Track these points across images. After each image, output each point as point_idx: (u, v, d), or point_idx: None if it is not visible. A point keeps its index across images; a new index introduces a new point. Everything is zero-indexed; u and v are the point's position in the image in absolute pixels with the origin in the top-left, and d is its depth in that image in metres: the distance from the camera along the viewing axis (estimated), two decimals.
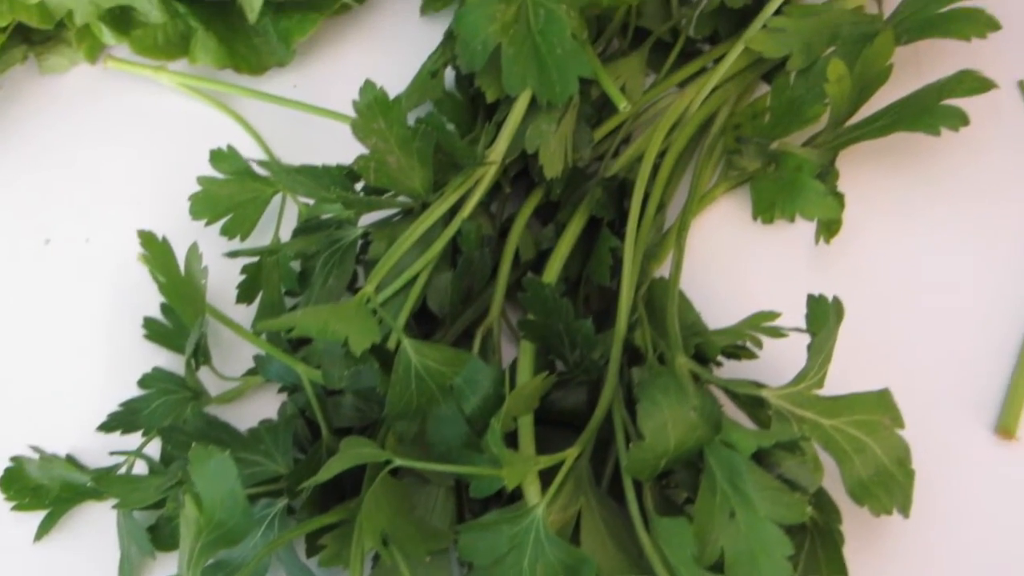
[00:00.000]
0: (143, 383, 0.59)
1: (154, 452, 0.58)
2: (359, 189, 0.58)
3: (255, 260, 0.60)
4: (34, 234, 0.66)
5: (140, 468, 0.58)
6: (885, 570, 0.55)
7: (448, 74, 0.63)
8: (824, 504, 0.50)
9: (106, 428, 0.58)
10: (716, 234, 0.64)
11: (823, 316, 0.49)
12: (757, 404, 0.50)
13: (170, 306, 0.60)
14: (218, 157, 0.62)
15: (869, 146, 0.62)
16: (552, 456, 0.49)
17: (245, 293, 0.60)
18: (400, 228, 0.56)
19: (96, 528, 0.58)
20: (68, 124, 0.70)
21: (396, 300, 0.54)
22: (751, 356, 0.54)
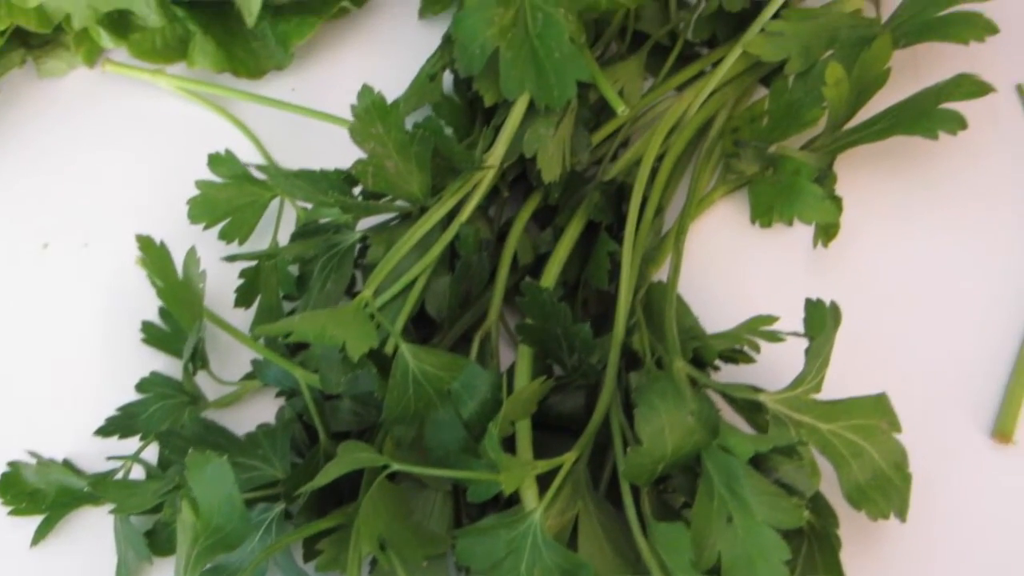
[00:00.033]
0: (140, 387, 0.59)
1: (151, 457, 0.58)
2: (357, 193, 0.58)
3: (253, 264, 0.60)
4: (32, 238, 0.66)
5: (137, 473, 0.58)
6: (883, 574, 0.55)
7: (446, 78, 0.63)
8: (821, 508, 0.50)
9: (103, 432, 0.58)
10: (714, 238, 0.64)
11: (821, 320, 0.49)
12: (755, 408, 0.50)
13: (168, 310, 0.60)
14: (216, 161, 0.62)
15: (867, 150, 0.62)
16: (550, 460, 0.49)
17: (243, 297, 0.60)
18: (398, 232, 0.56)
19: (93, 533, 0.58)
20: (66, 128, 0.70)
21: (394, 304, 0.54)
22: (749, 360, 0.54)
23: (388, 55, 0.71)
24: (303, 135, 0.68)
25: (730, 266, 0.63)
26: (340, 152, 0.57)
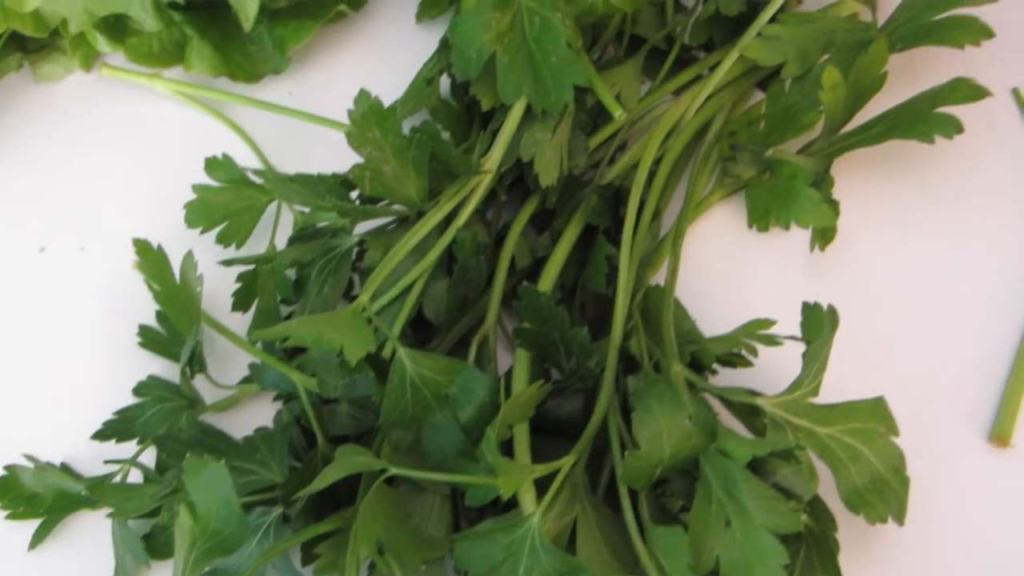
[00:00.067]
0: (138, 391, 0.58)
1: (149, 460, 0.58)
2: (354, 197, 0.58)
3: (251, 268, 0.60)
4: (29, 242, 0.66)
5: (135, 477, 0.58)
6: None
7: (443, 82, 0.63)
8: (819, 512, 0.50)
9: (101, 436, 0.58)
10: (711, 242, 0.64)
11: (818, 324, 0.49)
12: (752, 412, 0.50)
13: (165, 314, 0.59)
14: (213, 165, 0.62)
15: (864, 154, 0.62)
16: (548, 464, 0.49)
17: (241, 301, 0.60)
18: (396, 236, 0.56)
19: (91, 537, 0.58)
20: (63, 132, 0.70)
21: (392, 308, 0.54)
22: (746, 364, 0.54)
23: (385, 59, 0.71)
24: (300, 139, 0.68)
25: (727, 270, 0.63)
26: (337, 156, 0.57)
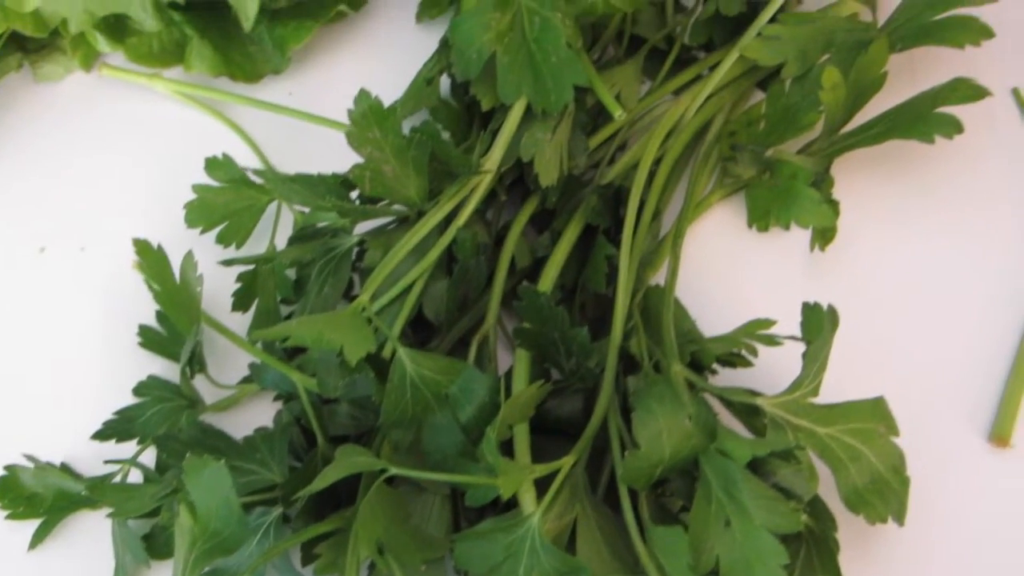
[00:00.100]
0: (138, 391, 0.58)
1: (149, 460, 0.58)
2: (354, 197, 0.58)
3: (251, 268, 0.60)
4: (29, 242, 0.66)
5: (135, 477, 0.58)
6: None
7: (443, 82, 0.63)
8: (819, 512, 0.50)
9: (101, 436, 0.58)
10: (711, 242, 0.64)
11: (818, 324, 0.49)
12: (752, 412, 0.50)
13: (165, 314, 0.59)
14: (213, 165, 0.62)
15: (864, 154, 0.62)
16: (548, 465, 0.49)
17: (241, 301, 0.60)
18: (396, 236, 0.56)
19: (91, 537, 0.58)
20: (63, 132, 0.70)
21: (392, 308, 0.54)
22: (746, 364, 0.54)
23: (385, 59, 0.71)
24: (300, 139, 0.67)
25: (727, 270, 0.63)
26: (337, 156, 0.57)
